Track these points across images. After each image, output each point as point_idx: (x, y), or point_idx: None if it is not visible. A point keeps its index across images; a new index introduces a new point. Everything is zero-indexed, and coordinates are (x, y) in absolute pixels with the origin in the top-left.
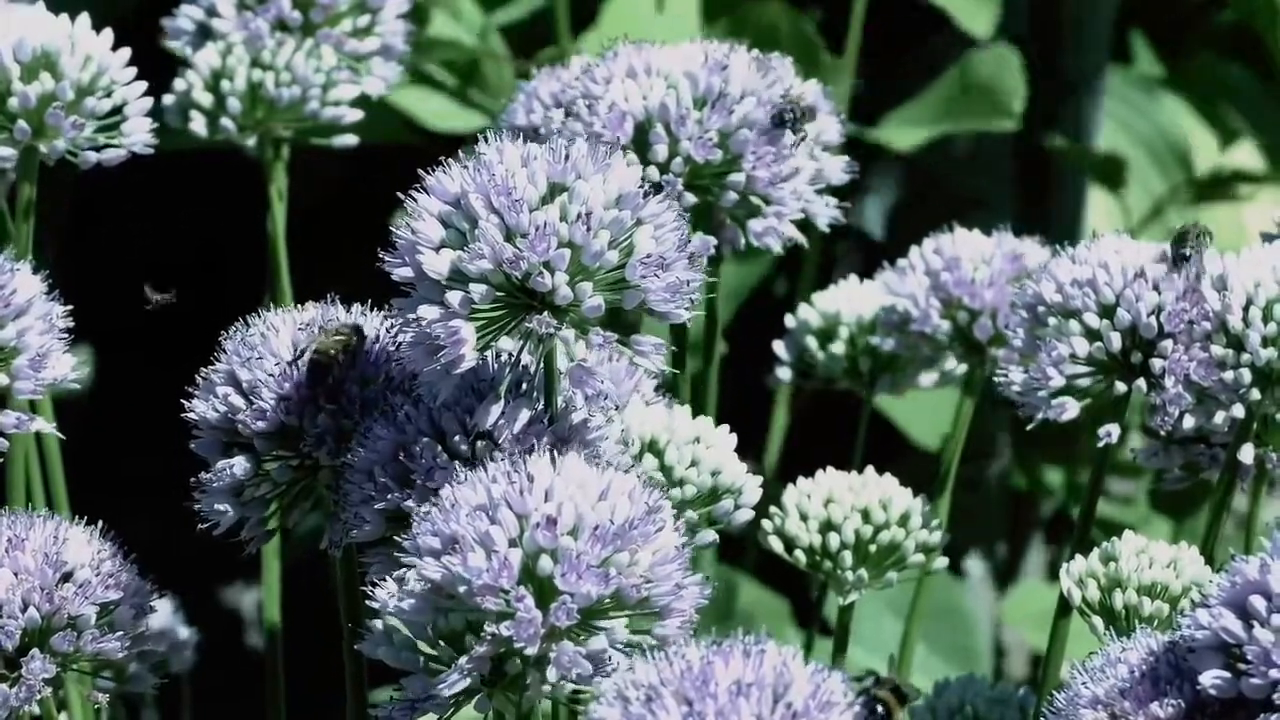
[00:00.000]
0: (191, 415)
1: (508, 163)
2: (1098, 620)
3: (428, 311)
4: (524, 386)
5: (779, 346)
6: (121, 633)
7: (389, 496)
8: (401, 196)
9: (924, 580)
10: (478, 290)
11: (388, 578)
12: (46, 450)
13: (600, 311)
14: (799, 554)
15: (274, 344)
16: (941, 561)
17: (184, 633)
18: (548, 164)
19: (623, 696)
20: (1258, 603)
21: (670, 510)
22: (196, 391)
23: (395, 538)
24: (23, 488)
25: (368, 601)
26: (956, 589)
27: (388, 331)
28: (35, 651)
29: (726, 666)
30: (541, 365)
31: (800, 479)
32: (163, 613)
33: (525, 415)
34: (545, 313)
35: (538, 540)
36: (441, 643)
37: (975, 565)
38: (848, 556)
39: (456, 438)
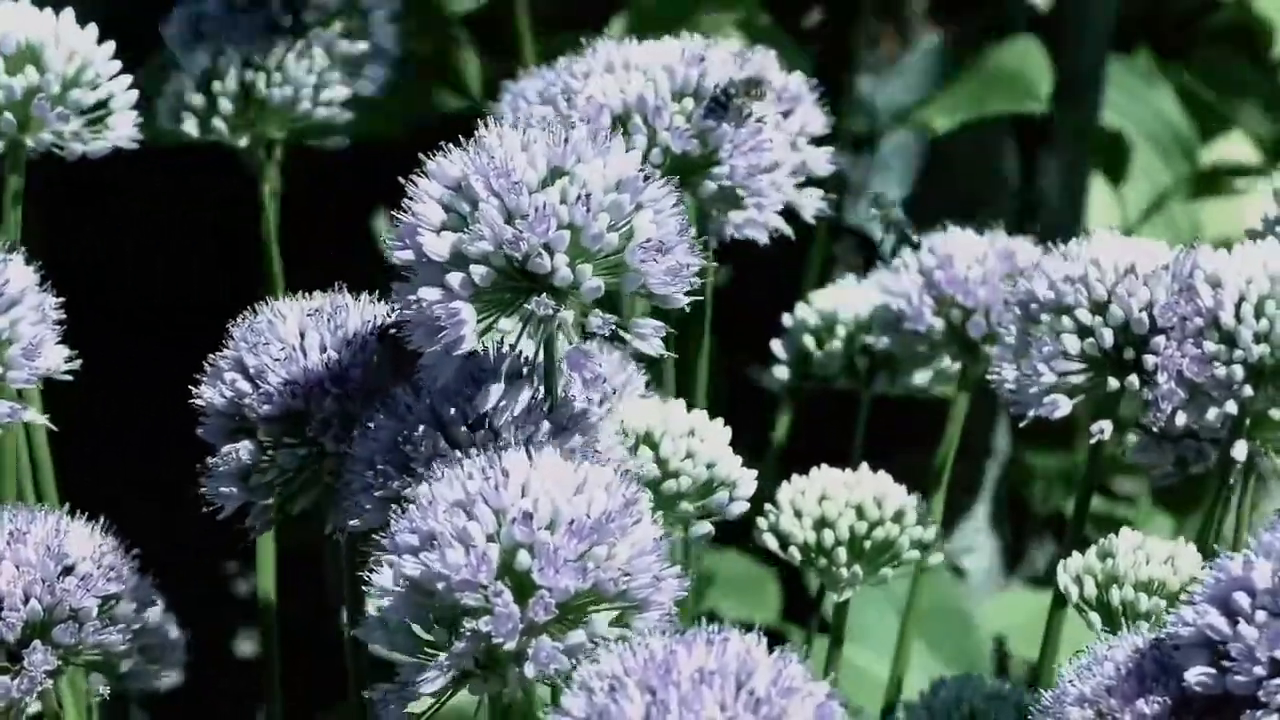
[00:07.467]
0: (199, 401)
1: (508, 146)
2: (1095, 616)
3: (428, 293)
4: (524, 375)
5: (776, 345)
6: (123, 625)
7: (390, 484)
8: (401, 182)
9: (921, 577)
10: (478, 272)
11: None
12: (34, 441)
13: (600, 293)
14: (793, 550)
15: (280, 330)
16: (937, 558)
17: (174, 633)
18: (547, 147)
19: (586, 687)
20: (1242, 599)
21: (648, 502)
22: (204, 378)
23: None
24: (14, 478)
25: (365, 588)
26: (956, 588)
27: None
28: (37, 643)
29: (690, 655)
30: (541, 352)
31: (795, 475)
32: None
33: (525, 397)
34: (544, 294)
35: (515, 535)
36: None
37: (976, 564)
38: (842, 553)
39: (456, 427)
